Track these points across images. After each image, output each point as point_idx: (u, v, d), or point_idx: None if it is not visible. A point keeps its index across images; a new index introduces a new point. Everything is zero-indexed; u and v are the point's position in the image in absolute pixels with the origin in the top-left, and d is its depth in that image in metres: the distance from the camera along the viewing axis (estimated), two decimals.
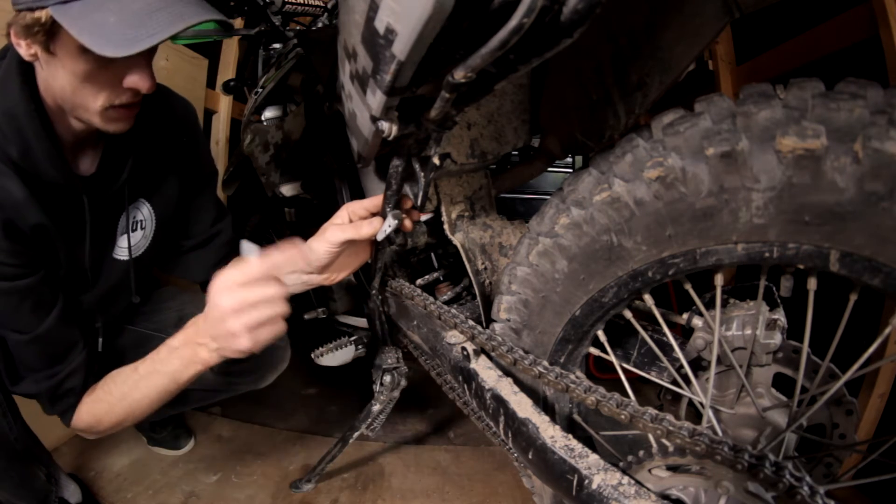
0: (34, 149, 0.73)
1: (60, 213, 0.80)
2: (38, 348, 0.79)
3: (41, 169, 0.75)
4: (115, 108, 0.72)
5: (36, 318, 0.78)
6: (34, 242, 0.77)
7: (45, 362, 0.80)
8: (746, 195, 0.47)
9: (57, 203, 0.79)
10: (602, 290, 0.62)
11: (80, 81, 0.68)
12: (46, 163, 0.74)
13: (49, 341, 0.80)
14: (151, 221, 0.96)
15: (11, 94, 0.71)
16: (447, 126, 0.61)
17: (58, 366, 0.81)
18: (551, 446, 0.59)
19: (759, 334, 0.64)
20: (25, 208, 0.74)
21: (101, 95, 0.70)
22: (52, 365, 0.81)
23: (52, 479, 0.98)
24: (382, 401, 1.14)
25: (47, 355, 0.80)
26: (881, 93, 0.43)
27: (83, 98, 0.70)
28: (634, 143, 0.55)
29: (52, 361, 0.81)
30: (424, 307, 0.86)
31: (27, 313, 0.77)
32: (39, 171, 0.75)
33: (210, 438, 1.45)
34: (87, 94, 0.70)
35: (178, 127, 0.98)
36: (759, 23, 1.46)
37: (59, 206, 0.80)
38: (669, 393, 0.78)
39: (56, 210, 0.79)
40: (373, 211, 0.83)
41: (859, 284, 0.48)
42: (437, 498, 1.24)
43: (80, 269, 0.87)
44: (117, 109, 0.72)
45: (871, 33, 1.06)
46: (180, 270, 1.08)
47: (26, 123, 0.71)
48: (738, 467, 0.48)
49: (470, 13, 0.37)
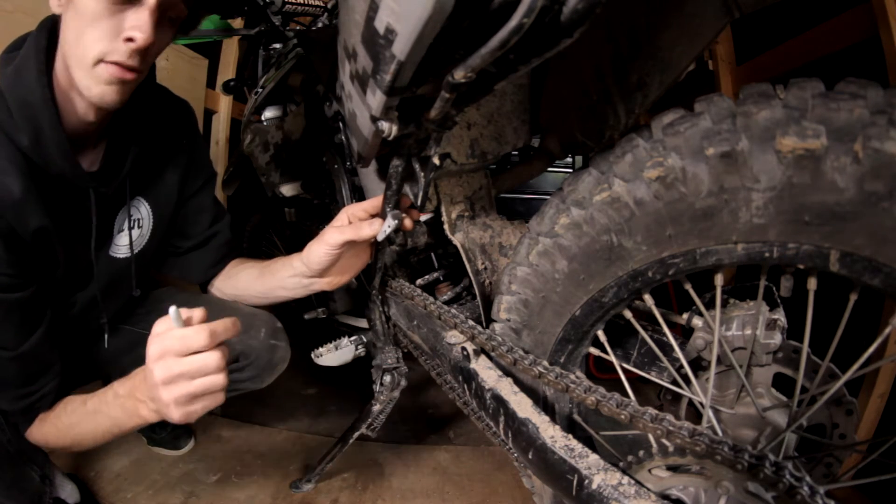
0: (46, 138, 0.73)
1: (63, 209, 0.80)
2: (16, 366, 0.78)
3: (50, 159, 0.75)
4: (106, 65, 0.70)
5: (21, 335, 0.78)
6: (33, 250, 0.77)
7: (21, 381, 0.80)
8: (746, 195, 0.47)
9: (60, 199, 0.79)
10: (602, 290, 0.62)
11: (86, 26, 0.68)
12: (57, 153, 0.74)
13: (29, 361, 0.79)
14: (149, 220, 0.96)
15: (28, 82, 0.71)
16: (447, 126, 0.60)
17: (32, 386, 0.81)
18: (551, 446, 0.59)
19: (759, 334, 0.64)
20: (27, 210, 0.74)
21: (99, 44, 0.69)
22: (27, 384, 0.80)
23: (46, 479, 0.97)
24: (382, 401, 1.14)
25: (24, 374, 0.80)
26: (881, 93, 0.43)
27: (83, 47, 0.69)
28: (634, 143, 0.55)
29: (27, 381, 0.80)
30: (424, 307, 0.86)
31: (12, 328, 0.77)
32: (48, 162, 0.75)
33: (210, 438, 1.45)
34: (87, 42, 0.69)
35: (177, 127, 0.98)
36: (759, 23, 1.46)
37: (63, 201, 0.80)
38: (669, 393, 0.78)
39: (59, 207, 0.79)
40: (372, 213, 0.83)
41: (859, 284, 0.48)
42: (437, 498, 1.24)
43: (79, 266, 0.87)
44: (108, 67, 0.70)
45: (871, 33, 1.06)
46: (178, 271, 1.08)
47: (40, 112, 0.72)
48: (738, 467, 0.48)
49: (470, 13, 0.37)
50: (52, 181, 0.77)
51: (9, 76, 0.72)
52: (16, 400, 0.80)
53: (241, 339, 1.01)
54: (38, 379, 0.81)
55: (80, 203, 0.83)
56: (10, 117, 0.72)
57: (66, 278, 0.85)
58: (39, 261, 0.79)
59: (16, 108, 0.71)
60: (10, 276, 0.74)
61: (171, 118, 0.97)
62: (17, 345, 0.77)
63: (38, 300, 0.79)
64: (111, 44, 0.69)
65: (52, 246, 0.80)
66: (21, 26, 0.80)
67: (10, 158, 0.72)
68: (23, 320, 0.78)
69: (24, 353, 0.78)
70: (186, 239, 1.05)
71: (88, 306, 0.92)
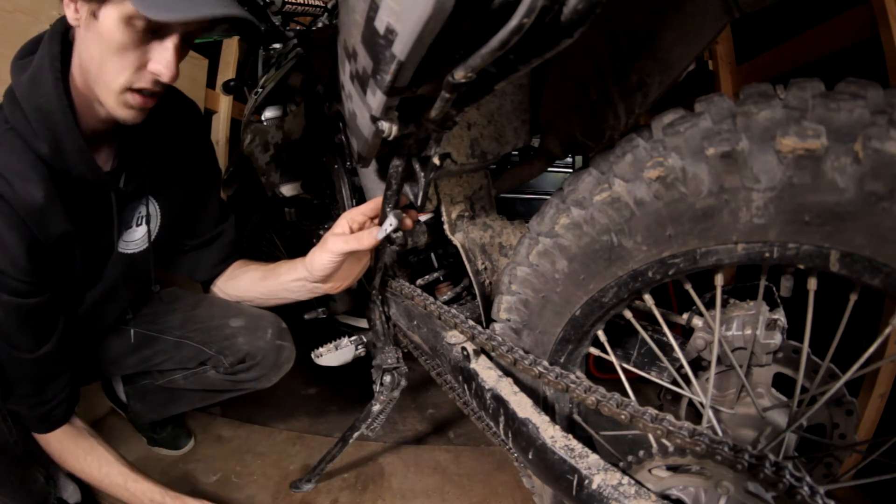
0: (65, 144, 0.74)
1: (83, 211, 0.81)
2: (34, 369, 0.80)
3: (71, 164, 0.76)
4: (132, 93, 0.72)
5: (38, 338, 0.79)
6: (54, 256, 0.78)
7: (38, 387, 0.81)
8: (747, 195, 0.47)
9: (80, 201, 0.80)
10: (602, 290, 0.62)
11: (111, 54, 0.69)
12: (77, 158, 0.76)
13: (47, 364, 0.81)
14: (157, 218, 0.97)
15: (45, 89, 0.72)
16: (447, 126, 0.60)
17: (46, 393, 0.83)
18: (551, 446, 0.59)
19: (759, 334, 0.64)
20: (49, 215, 0.75)
21: (125, 73, 0.70)
22: (43, 390, 0.82)
23: (50, 480, 0.98)
24: (382, 401, 1.14)
25: (39, 378, 0.81)
26: (881, 93, 0.43)
27: (108, 73, 0.71)
28: (634, 143, 0.55)
29: (43, 387, 0.82)
30: (424, 307, 0.86)
31: (30, 332, 0.78)
32: (69, 167, 0.76)
33: (210, 438, 1.45)
34: (112, 70, 0.70)
35: (186, 127, 0.99)
36: (759, 23, 1.46)
37: (82, 204, 0.81)
38: (669, 393, 0.78)
39: (78, 209, 0.80)
40: (371, 215, 0.84)
41: (859, 284, 0.48)
42: (437, 498, 1.24)
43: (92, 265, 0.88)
44: (134, 95, 0.72)
45: (871, 33, 1.06)
46: (183, 268, 1.09)
47: (58, 119, 0.72)
48: (738, 467, 0.48)
49: (470, 13, 0.37)
50: (72, 185, 0.78)
51: (24, 84, 0.73)
52: (34, 406, 0.82)
53: (247, 340, 1.02)
54: (52, 385, 0.83)
55: (97, 203, 0.84)
56: (28, 125, 0.72)
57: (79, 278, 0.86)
58: (58, 266, 0.80)
59: (33, 116, 0.72)
60: (29, 284, 0.75)
61: (180, 117, 0.98)
62: (35, 347, 0.78)
63: (53, 304, 0.81)
64: (136, 74, 0.71)
65: (72, 250, 0.81)
66: (21, 26, 0.80)
67: (31, 165, 0.73)
68: (40, 324, 0.79)
69: (43, 356, 0.79)
70: (192, 237, 1.06)
71: (98, 303, 0.93)
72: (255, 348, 1.02)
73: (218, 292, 1.10)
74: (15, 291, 0.74)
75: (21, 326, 0.77)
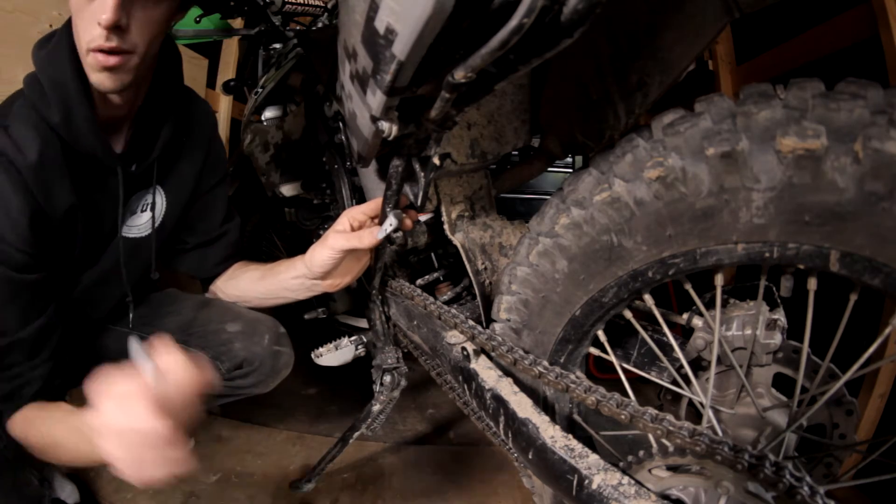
0: (76, 116, 0.76)
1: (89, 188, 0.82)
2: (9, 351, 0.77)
3: (80, 135, 0.77)
4: (93, 53, 0.72)
5: (23, 319, 0.77)
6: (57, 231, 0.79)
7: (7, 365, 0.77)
8: (746, 195, 0.47)
9: (87, 178, 0.81)
10: (602, 290, 0.62)
11: (76, 17, 0.71)
12: (86, 128, 0.77)
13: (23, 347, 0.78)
14: (162, 207, 0.98)
15: (61, 64, 0.74)
16: (447, 126, 0.61)
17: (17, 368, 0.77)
18: (551, 446, 0.59)
19: (759, 334, 0.64)
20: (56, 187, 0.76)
21: (85, 33, 0.71)
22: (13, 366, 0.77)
23: (45, 482, 0.97)
24: (382, 401, 1.14)
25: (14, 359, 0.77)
26: (881, 93, 0.43)
27: (77, 38, 0.72)
28: (634, 143, 0.55)
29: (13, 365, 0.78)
30: (424, 307, 0.86)
31: (17, 311, 0.76)
32: (78, 138, 0.77)
33: (210, 438, 1.45)
34: (78, 33, 0.72)
35: (199, 124, 1.01)
36: (759, 23, 1.46)
37: (90, 180, 0.82)
38: (669, 393, 0.78)
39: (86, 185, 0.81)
40: (371, 215, 0.84)
41: (859, 284, 0.48)
42: (437, 498, 1.24)
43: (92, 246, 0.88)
44: (95, 55, 0.72)
45: (871, 33, 1.06)
46: (185, 265, 1.09)
47: (72, 92, 0.75)
48: (738, 467, 0.48)
49: (470, 13, 0.37)
50: (81, 160, 0.79)
51: (42, 58, 0.76)
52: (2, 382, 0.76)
53: (244, 346, 1.02)
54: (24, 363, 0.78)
55: (105, 183, 0.85)
56: (43, 96, 0.75)
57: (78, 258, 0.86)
58: (59, 243, 0.80)
59: (49, 86, 0.75)
60: (29, 256, 0.74)
61: (194, 115, 0.99)
62: (16, 329, 0.76)
63: (48, 285, 0.80)
64: (92, 31, 0.71)
65: (74, 227, 0.82)
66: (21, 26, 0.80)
67: (44, 137, 0.75)
68: (29, 304, 0.77)
69: (22, 339, 0.76)
70: (196, 235, 1.06)
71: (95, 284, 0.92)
72: (251, 354, 1.02)
73: (217, 292, 1.10)
74: (11, 262, 0.73)
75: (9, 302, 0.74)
